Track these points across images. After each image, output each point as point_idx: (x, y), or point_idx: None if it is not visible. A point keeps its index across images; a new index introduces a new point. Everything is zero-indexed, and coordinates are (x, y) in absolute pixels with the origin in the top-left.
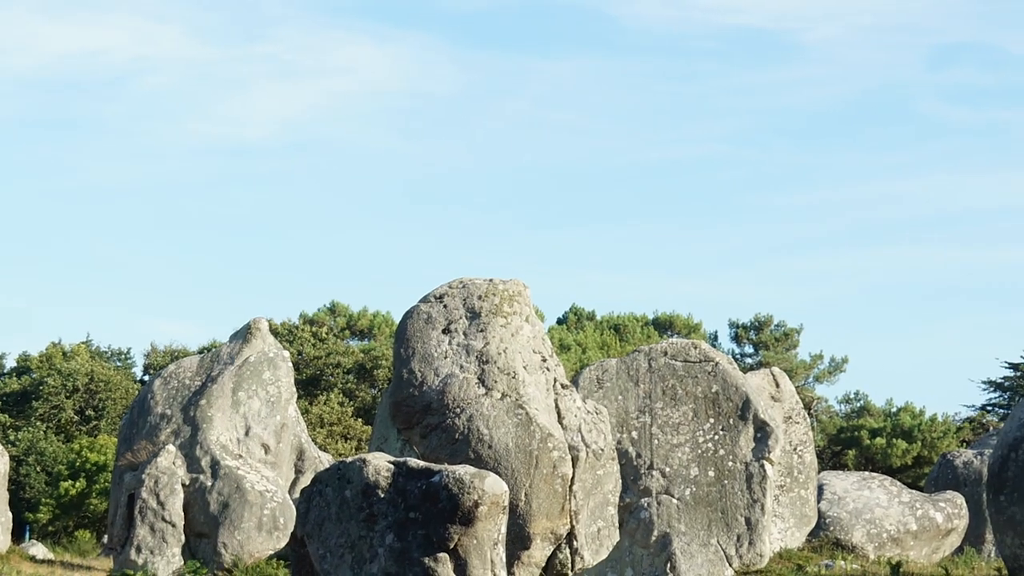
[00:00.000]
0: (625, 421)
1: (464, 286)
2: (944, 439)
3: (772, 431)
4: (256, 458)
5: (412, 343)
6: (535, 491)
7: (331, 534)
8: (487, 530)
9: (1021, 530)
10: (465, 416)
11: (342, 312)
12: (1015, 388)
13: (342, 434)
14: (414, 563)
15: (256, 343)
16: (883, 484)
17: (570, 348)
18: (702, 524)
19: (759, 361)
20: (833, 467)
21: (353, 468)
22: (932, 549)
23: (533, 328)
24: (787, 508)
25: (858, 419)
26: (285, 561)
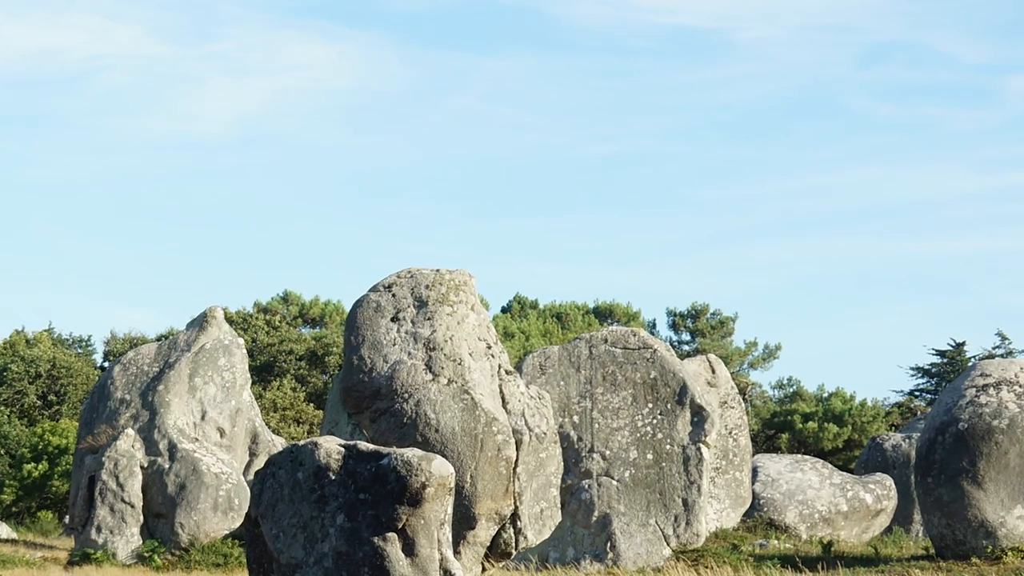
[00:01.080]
0: (567, 406)
1: (412, 276)
2: (873, 423)
3: (708, 415)
4: (212, 441)
5: (362, 331)
6: (480, 473)
7: (284, 514)
8: (434, 511)
9: (948, 511)
10: (413, 401)
11: (294, 301)
12: (942, 374)
13: (295, 418)
14: (364, 542)
15: (212, 331)
16: (815, 466)
17: (514, 336)
18: (641, 505)
19: (696, 348)
20: (767, 450)
21: (305, 451)
22: (862, 529)
23: (478, 316)
24: (723, 490)
25: (791, 404)
26: (240, 540)
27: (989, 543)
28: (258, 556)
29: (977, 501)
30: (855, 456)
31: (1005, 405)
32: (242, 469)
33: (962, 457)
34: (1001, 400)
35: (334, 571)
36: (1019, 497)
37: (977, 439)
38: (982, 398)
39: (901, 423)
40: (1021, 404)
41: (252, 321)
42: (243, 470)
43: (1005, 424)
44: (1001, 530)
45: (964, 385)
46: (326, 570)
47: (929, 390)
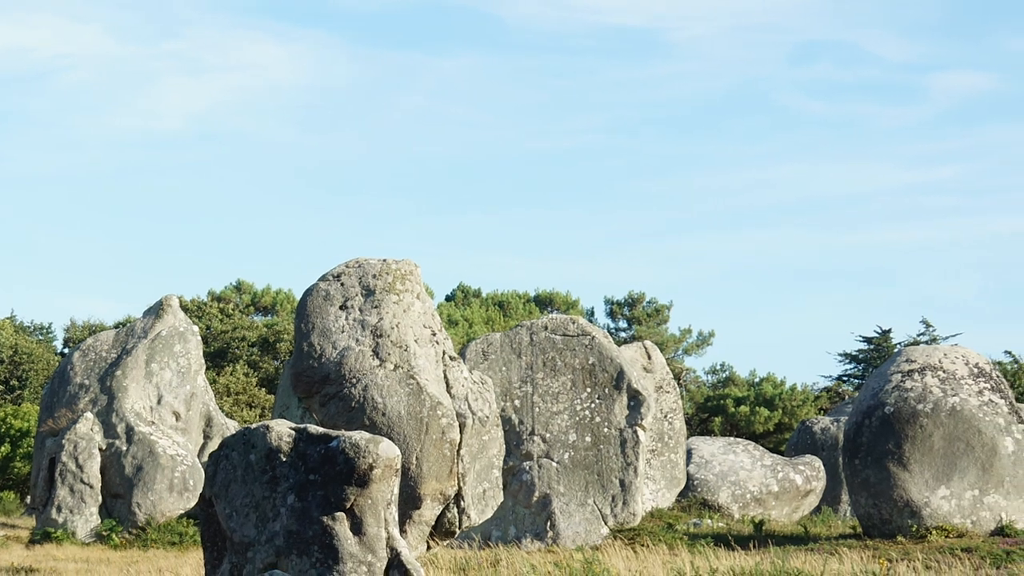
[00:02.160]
0: (508, 390)
1: (360, 266)
2: (803, 407)
3: (644, 399)
4: (168, 425)
5: (312, 318)
6: (425, 455)
7: (237, 495)
8: (381, 491)
9: (874, 491)
10: (361, 386)
11: (247, 290)
12: (869, 360)
13: (247, 402)
14: (314, 521)
15: (168, 318)
16: (747, 449)
17: (458, 323)
18: (580, 486)
19: (632, 335)
20: (701, 433)
21: (257, 434)
22: (792, 509)
23: (424, 304)
24: (658, 471)
25: (724, 388)
26: (194, 520)
27: (914, 522)
28: (212, 534)
29: (902, 482)
30: (785, 439)
31: (929, 390)
32: (197, 451)
33: (888, 440)
34: (926, 385)
35: (285, 549)
36: (943, 478)
37: (902, 422)
38: (907, 383)
39: (829, 407)
40: (945, 389)
41: (206, 309)
42: (198, 452)
43: (929, 408)
44: (925, 510)
45: (890, 371)
46: (277, 548)
47: (856, 375)
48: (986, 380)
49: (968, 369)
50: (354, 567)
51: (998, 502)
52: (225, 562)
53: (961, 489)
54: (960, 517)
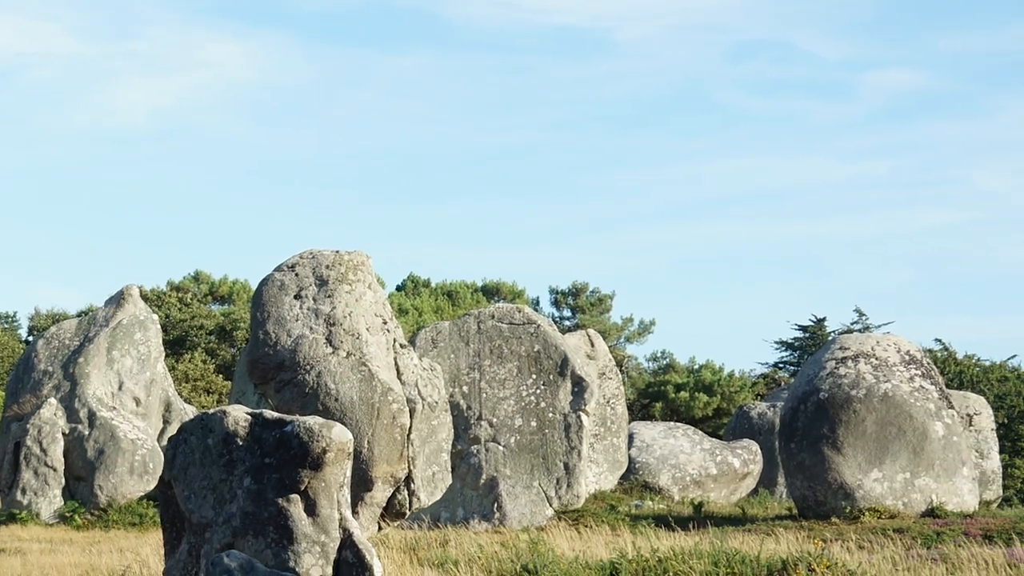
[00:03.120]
0: (457, 377)
1: (313, 257)
2: (741, 393)
3: (588, 386)
4: (128, 410)
5: (267, 307)
6: (377, 439)
7: (195, 477)
8: (334, 474)
9: (810, 474)
10: (314, 373)
11: (205, 280)
12: (804, 347)
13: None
14: (269, 503)
15: (128, 307)
16: (687, 433)
17: (408, 312)
18: (525, 469)
19: (576, 323)
20: (642, 418)
21: (215, 419)
22: (730, 491)
23: (375, 294)
24: (601, 454)
25: (664, 375)
26: (154, 501)
27: (848, 504)
28: (171, 516)
29: (837, 465)
30: (724, 423)
31: (863, 376)
32: (156, 435)
33: (823, 424)
34: (859, 372)
35: (241, 530)
36: (875, 461)
37: (836, 408)
38: (841, 370)
39: (766, 393)
40: (877, 375)
41: (166, 298)
42: (157, 436)
43: (863, 394)
44: (859, 492)
45: (825, 358)
46: (234, 529)
47: (792, 362)
48: (917, 367)
49: (900, 356)
50: (308, 547)
51: (929, 484)
52: (183, 542)
53: (893, 472)
54: (892, 499)
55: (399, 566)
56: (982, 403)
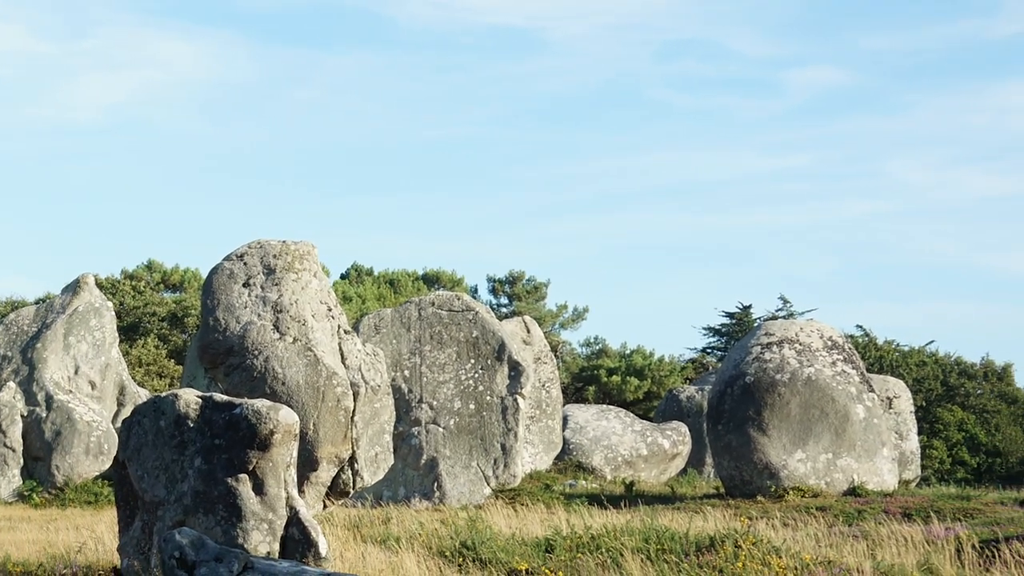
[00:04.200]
0: (399, 361)
1: (261, 246)
2: (670, 377)
3: (524, 370)
4: (84, 393)
5: (217, 295)
6: (322, 421)
7: (148, 458)
8: (281, 454)
9: (736, 454)
10: (262, 357)
11: (157, 269)
12: (730, 333)
13: (157, 373)
14: (219, 482)
15: (84, 295)
16: (619, 415)
17: (352, 299)
18: (464, 449)
19: (513, 310)
20: (576, 401)
21: (167, 402)
22: (660, 471)
23: (320, 282)
24: (537, 436)
25: (597, 360)
26: (109, 481)
27: (773, 483)
28: (125, 495)
29: (762, 446)
30: (654, 406)
31: (787, 361)
32: (111, 417)
33: (749, 407)
34: (783, 356)
35: (192, 508)
36: (799, 442)
37: (762, 391)
38: (766, 355)
39: (695, 377)
40: (801, 360)
41: (120, 286)
42: (112, 418)
43: (787, 378)
44: (783, 471)
45: (751, 343)
46: (185, 507)
47: (719, 348)
48: (839, 352)
49: (822, 342)
50: (256, 524)
51: (850, 464)
52: (137, 520)
53: (816, 452)
54: (815, 478)
55: (343, 543)
56: (901, 387)
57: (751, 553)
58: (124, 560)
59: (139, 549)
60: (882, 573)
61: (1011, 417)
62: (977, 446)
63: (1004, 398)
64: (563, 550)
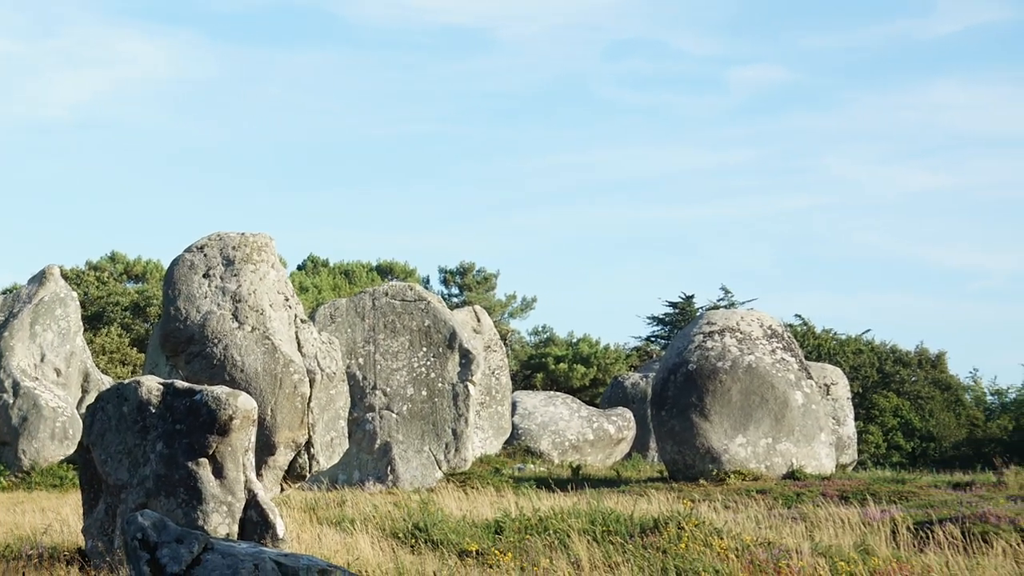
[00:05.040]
0: (353, 349)
1: (221, 238)
2: (616, 364)
3: (474, 358)
4: (50, 380)
5: (178, 285)
6: (279, 407)
7: (112, 442)
8: (239, 439)
9: (679, 439)
10: (222, 346)
11: (120, 260)
12: (673, 322)
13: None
14: (180, 466)
15: (50, 285)
16: (566, 401)
17: (308, 290)
18: (417, 434)
19: (463, 300)
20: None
21: (129, 388)
22: (606, 455)
23: (278, 273)
24: (487, 421)
25: (545, 348)
26: (74, 465)
27: (714, 467)
28: (90, 478)
29: (704, 431)
30: (600, 392)
31: (728, 349)
32: (75, 404)
33: (691, 394)
34: (725, 345)
35: (154, 491)
36: (740, 428)
37: (704, 378)
38: (708, 343)
39: (639, 364)
40: (742, 348)
41: (84, 277)
42: (76, 404)
43: (728, 365)
44: (724, 456)
45: (693, 332)
46: (148, 490)
47: (663, 336)
48: (778, 340)
49: (762, 331)
50: (216, 507)
51: (789, 449)
52: (101, 503)
53: (756, 437)
54: (755, 462)
55: (300, 525)
56: (838, 374)
57: (694, 535)
58: (88, 541)
59: (103, 531)
60: (820, 554)
61: (944, 403)
62: (912, 431)
63: (938, 385)
64: (512, 532)
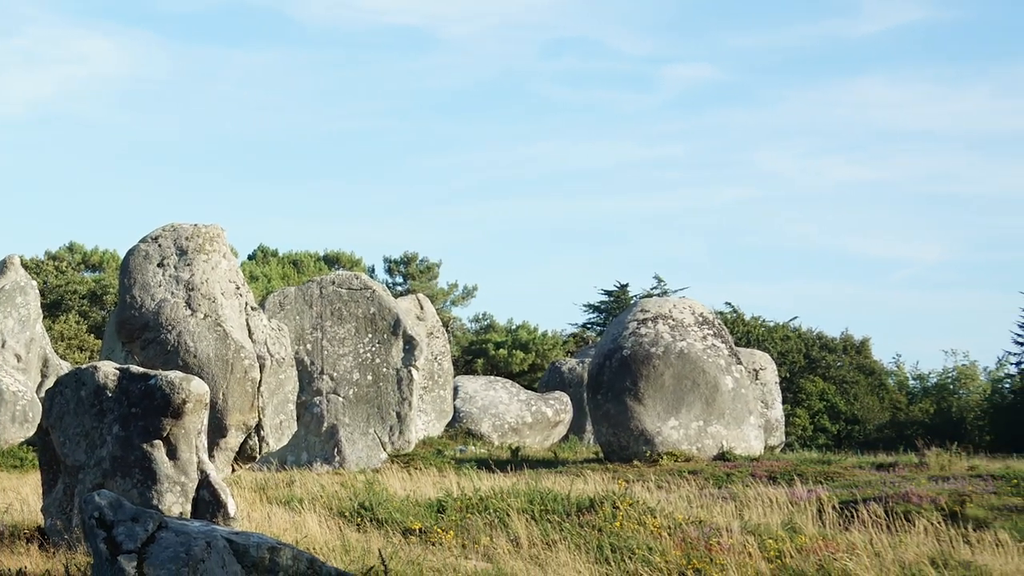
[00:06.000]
0: (302, 336)
1: (175, 229)
2: (553, 350)
3: (418, 344)
4: (11, 365)
5: (133, 274)
6: (230, 391)
7: (70, 425)
8: (192, 422)
9: (614, 422)
10: (175, 332)
11: (78, 250)
12: (609, 310)
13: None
14: (135, 448)
15: (10, 275)
16: (505, 386)
17: (258, 279)
18: (362, 417)
19: (407, 289)
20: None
21: (87, 373)
22: (544, 437)
23: (229, 263)
24: (430, 405)
25: (485, 334)
26: (33, 446)
27: (648, 449)
28: (49, 460)
29: (638, 414)
30: (538, 377)
31: (661, 335)
32: (35, 388)
33: (626, 378)
34: (658, 331)
35: (111, 471)
36: (672, 411)
37: (638, 363)
38: (642, 330)
39: (576, 350)
40: (674, 335)
41: (43, 266)
42: (36, 389)
43: (661, 351)
44: (658, 438)
45: (628, 319)
46: (104, 471)
47: (599, 323)
48: (709, 327)
49: (694, 318)
50: (170, 487)
51: (720, 431)
52: (59, 483)
53: (688, 420)
54: (687, 444)
55: (250, 504)
56: (767, 359)
57: (628, 513)
58: (48, 520)
59: (61, 510)
60: (749, 532)
61: (868, 387)
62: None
63: (862, 370)
64: (454, 511)
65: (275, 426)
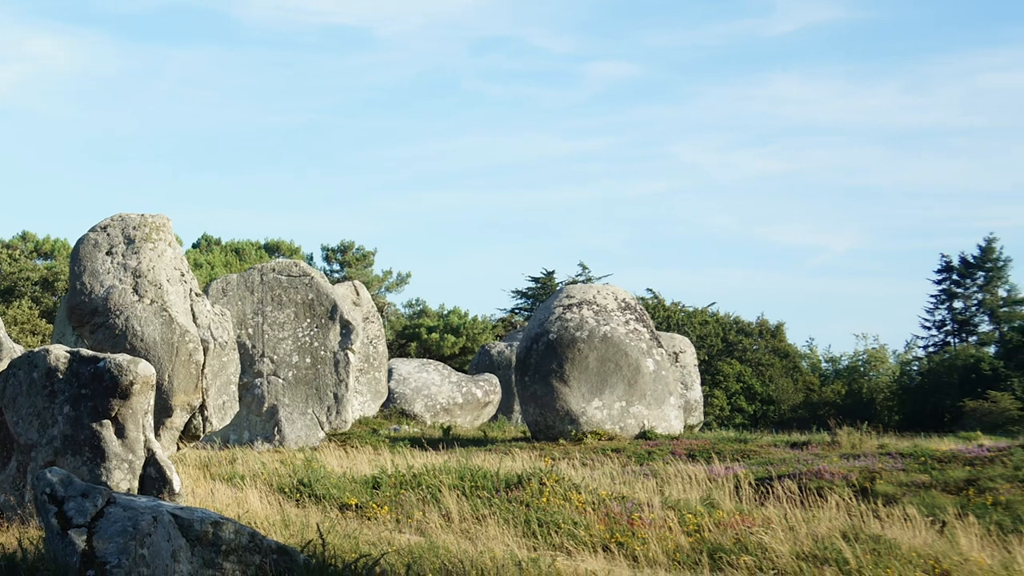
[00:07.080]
0: (243, 321)
1: (122, 219)
2: (483, 334)
3: (354, 328)
4: None
5: (83, 262)
6: (175, 373)
7: (23, 406)
8: (139, 403)
9: (541, 403)
10: (123, 317)
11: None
12: (536, 296)
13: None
14: (85, 427)
15: None
16: (437, 368)
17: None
18: (301, 398)
19: (344, 276)
20: (400, 356)
21: (39, 356)
22: (474, 417)
23: (174, 251)
24: (365, 386)
25: (418, 319)
26: None
27: (573, 428)
28: (2, 438)
29: (564, 395)
30: (469, 360)
31: (586, 320)
32: None
33: (552, 361)
34: (583, 316)
35: (62, 449)
36: (596, 392)
37: (564, 347)
38: (568, 315)
39: (504, 334)
40: (598, 320)
41: None
42: None
43: (586, 335)
44: (582, 418)
45: (554, 304)
46: (56, 449)
47: (526, 308)
48: (631, 312)
49: (617, 304)
50: (118, 464)
51: (641, 411)
52: (13, 461)
53: (611, 401)
54: (611, 424)
55: (195, 480)
56: (687, 343)
57: (554, 489)
58: (1, 496)
59: (15, 486)
60: (669, 507)
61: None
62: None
63: (777, 353)
64: (388, 487)
65: (218, 406)
